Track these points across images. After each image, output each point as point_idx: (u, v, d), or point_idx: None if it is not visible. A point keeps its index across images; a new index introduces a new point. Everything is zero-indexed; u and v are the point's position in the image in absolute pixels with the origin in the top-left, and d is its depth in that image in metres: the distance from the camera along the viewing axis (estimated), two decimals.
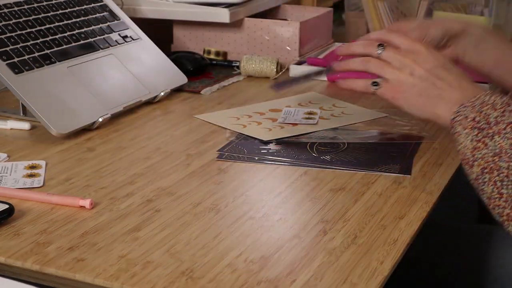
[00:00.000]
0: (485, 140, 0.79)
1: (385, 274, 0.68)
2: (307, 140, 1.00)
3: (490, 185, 0.78)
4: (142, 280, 0.66)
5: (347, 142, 1.01)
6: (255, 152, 0.96)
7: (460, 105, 0.82)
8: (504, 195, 0.77)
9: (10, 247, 0.71)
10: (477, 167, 0.79)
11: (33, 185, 0.85)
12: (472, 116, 0.80)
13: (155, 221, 0.77)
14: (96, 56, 1.15)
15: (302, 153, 0.96)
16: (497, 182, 0.78)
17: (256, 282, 0.66)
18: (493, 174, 0.78)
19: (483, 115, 0.80)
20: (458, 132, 0.81)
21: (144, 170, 0.90)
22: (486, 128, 0.79)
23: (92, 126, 1.04)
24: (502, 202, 0.77)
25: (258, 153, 0.96)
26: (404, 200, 0.83)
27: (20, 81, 1.02)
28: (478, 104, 0.81)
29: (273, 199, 0.83)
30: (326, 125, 1.06)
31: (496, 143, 0.78)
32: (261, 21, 1.40)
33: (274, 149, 0.97)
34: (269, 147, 0.98)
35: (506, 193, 0.77)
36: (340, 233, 0.75)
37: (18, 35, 1.08)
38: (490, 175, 0.78)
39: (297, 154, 0.95)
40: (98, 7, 1.25)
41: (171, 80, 1.22)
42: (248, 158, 0.94)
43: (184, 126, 1.07)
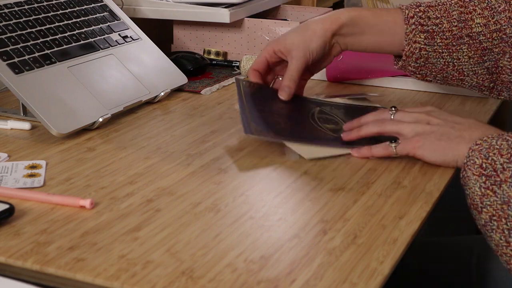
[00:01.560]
0: (493, 188, 0.79)
1: (385, 274, 0.68)
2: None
3: (498, 233, 0.78)
4: (142, 280, 0.66)
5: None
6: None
7: (469, 149, 0.83)
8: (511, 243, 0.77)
9: (10, 247, 0.71)
10: (485, 214, 0.79)
11: (33, 185, 0.85)
12: (479, 162, 0.81)
13: (155, 221, 0.77)
14: (96, 56, 1.15)
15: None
16: (505, 230, 0.78)
17: (256, 282, 0.66)
18: (501, 222, 0.78)
19: (490, 161, 0.80)
20: (468, 177, 0.82)
21: (144, 170, 0.90)
22: (493, 175, 0.80)
23: (92, 126, 1.04)
24: (509, 251, 0.78)
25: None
26: (404, 200, 0.83)
27: (20, 81, 1.02)
28: (485, 149, 0.82)
29: (273, 199, 0.83)
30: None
31: (505, 192, 0.78)
32: (261, 21, 1.40)
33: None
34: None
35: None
36: (340, 233, 0.75)
37: (18, 35, 1.08)
38: (499, 222, 0.78)
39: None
40: (98, 7, 1.25)
41: (171, 80, 1.22)
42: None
43: (184, 126, 1.07)
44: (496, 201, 0.79)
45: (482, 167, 0.81)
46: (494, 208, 0.79)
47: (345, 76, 1.30)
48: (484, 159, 0.81)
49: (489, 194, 0.79)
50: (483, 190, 0.80)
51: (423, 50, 1.02)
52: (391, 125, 0.92)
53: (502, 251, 0.78)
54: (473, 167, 0.81)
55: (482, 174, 0.80)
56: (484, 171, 0.80)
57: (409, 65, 1.04)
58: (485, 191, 0.80)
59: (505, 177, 0.79)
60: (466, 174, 0.82)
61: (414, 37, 1.02)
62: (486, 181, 0.80)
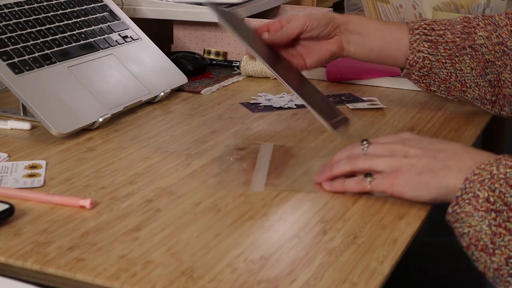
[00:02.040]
0: (506, 225, 0.70)
1: (385, 274, 0.68)
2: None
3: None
4: (142, 280, 0.66)
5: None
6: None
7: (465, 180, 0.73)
8: None
9: (10, 247, 0.71)
10: (499, 257, 0.70)
11: (33, 185, 0.85)
12: (484, 195, 0.71)
13: (155, 221, 0.77)
14: (96, 56, 1.15)
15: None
16: None
17: (256, 282, 0.66)
18: None
19: (498, 194, 0.71)
20: (468, 213, 0.72)
21: (144, 170, 0.90)
22: (505, 210, 0.70)
23: (92, 126, 1.04)
24: None
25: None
26: (404, 200, 0.83)
27: (20, 81, 1.02)
28: (487, 179, 0.72)
29: (273, 199, 0.83)
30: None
31: None
32: (261, 21, 1.40)
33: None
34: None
35: None
36: (340, 233, 0.75)
37: (18, 35, 1.08)
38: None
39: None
40: (98, 7, 1.25)
41: (171, 80, 1.22)
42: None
43: (184, 126, 1.07)
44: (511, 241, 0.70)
45: (489, 201, 0.71)
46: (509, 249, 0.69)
47: (345, 76, 1.30)
48: (490, 192, 0.71)
49: (502, 233, 0.70)
50: (494, 228, 0.70)
51: (427, 60, 1.04)
52: (363, 162, 0.81)
53: None
54: (475, 201, 0.72)
55: (491, 209, 0.70)
56: (492, 206, 0.70)
57: (413, 73, 1.06)
58: (497, 230, 0.70)
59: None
60: (462, 209, 0.72)
61: (418, 46, 1.04)
62: (497, 217, 0.70)
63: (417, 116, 1.12)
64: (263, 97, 1.20)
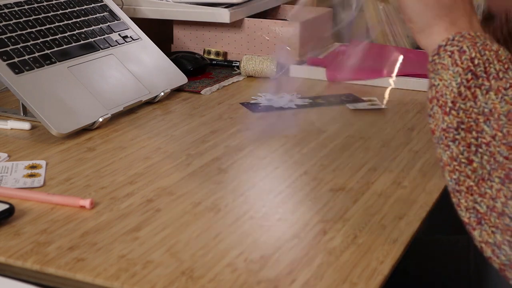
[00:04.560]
0: (476, 91, 0.64)
1: (385, 274, 0.68)
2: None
3: (461, 146, 0.64)
4: (142, 279, 0.66)
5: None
6: None
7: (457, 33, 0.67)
8: (474, 163, 0.64)
9: (10, 247, 0.71)
10: (453, 118, 0.65)
11: (33, 185, 0.85)
12: (470, 54, 0.65)
13: (155, 221, 0.77)
14: (96, 56, 1.15)
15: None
16: (472, 146, 0.64)
17: (256, 282, 0.66)
18: (470, 135, 0.64)
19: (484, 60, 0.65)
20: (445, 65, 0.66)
21: (144, 170, 0.90)
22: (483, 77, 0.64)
23: (92, 126, 1.04)
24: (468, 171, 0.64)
25: None
26: (404, 200, 0.83)
27: (20, 81, 1.02)
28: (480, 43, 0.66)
29: (273, 199, 0.83)
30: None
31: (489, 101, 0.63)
32: (261, 21, 1.40)
33: None
34: None
35: (478, 162, 0.64)
36: (340, 233, 0.75)
37: (18, 35, 1.08)
38: (466, 134, 0.64)
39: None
40: (98, 7, 1.25)
41: (171, 80, 1.22)
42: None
43: (184, 126, 1.07)
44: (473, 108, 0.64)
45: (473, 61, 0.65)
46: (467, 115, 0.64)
47: (345, 76, 1.29)
48: (479, 54, 0.65)
49: (467, 97, 0.64)
50: (463, 89, 0.64)
51: None
52: None
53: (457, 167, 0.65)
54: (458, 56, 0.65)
55: (470, 70, 0.64)
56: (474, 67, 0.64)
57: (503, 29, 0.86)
58: (465, 91, 0.64)
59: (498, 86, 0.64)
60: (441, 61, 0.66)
61: None
62: (472, 80, 0.64)
63: (417, 116, 1.12)
64: (263, 97, 1.20)
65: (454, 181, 0.65)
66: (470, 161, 0.64)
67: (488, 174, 0.64)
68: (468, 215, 0.65)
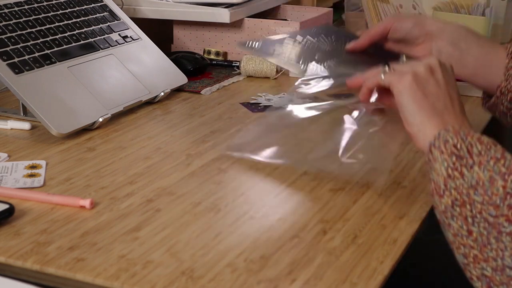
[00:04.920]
0: (462, 169, 0.70)
1: (385, 274, 0.68)
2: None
3: (459, 220, 0.70)
4: (142, 279, 0.66)
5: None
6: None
7: (442, 128, 0.74)
8: (473, 233, 0.69)
9: (10, 247, 0.71)
10: (447, 198, 0.70)
11: (33, 185, 0.85)
12: (453, 141, 0.72)
13: (155, 221, 0.77)
14: (96, 56, 1.15)
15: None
16: (468, 218, 0.69)
17: (256, 282, 0.66)
18: (465, 209, 0.69)
19: (466, 144, 0.71)
20: (435, 158, 0.72)
21: (144, 170, 0.90)
22: (466, 157, 0.71)
23: (92, 126, 1.04)
24: (470, 241, 0.69)
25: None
26: (404, 200, 0.83)
27: (20, 81, 1.02)
28: (463, 132, 0.73)
29: (273, 199, 0.83)
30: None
31: (474, 173, 0.69)
32: (261, 21, 1.40)
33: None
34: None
35: (477, 231, 0.69)
36: (340, 233, 0.75)
37: (18, 35, 1.08)
38: (461, 209, 0.70)
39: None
40: (98, 7, 1.25)
41: (171, 80, 1.22)
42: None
43: (184, 126, 1.07)
44: (463, 185, 0.70)
45: (455, 146, 0.71)
46: (458, 192, 0.69)
47: None
48: (461, 140, 0.71)
49: (455, 176, 0.70)
50: (450, 171, 0.70)
51: None
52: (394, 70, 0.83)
53: (460, 242, 0.70)
54: (443, 146, 0.72)
55: (453, 153, 0.71)
56: (456, 151, 0.71)
57: (502, 104, 0.94)
58: (452, 173, 0.70)
59: (480, 160, 0.70)
60: (432, 156, 0.73)
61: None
62: (456, 161, 0.70)
63: None
64: (263, 97, 1.20)
65: (462, 256, 0.70)
66: (470, 232, 0.69)
67: (486, 239, 0.68)
68: (480, 284, 0.69)
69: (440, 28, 0.97)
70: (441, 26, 0.98)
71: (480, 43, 0.96)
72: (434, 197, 0.73)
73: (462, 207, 0.70)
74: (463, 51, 0.96)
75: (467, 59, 0.96)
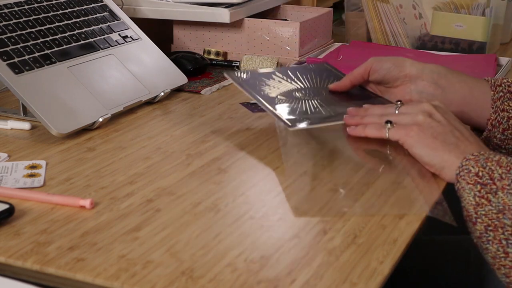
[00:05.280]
0: (488, 196, 0.76)
1: (385, 274, 0.68)
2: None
3: (495, 244, 0.75)
4: (142, 279, 0.66)
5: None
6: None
7: (463, 159, 0.80)
8: (510, 254, 0.74)
9: (10, 247, 0.71)
10: (480, 225, 0.76)
11: (33, 185, 0.85)
12: (475, 170, 0.78)
13: (155, 221, 0.77)
14: (96, 56, 1.15)
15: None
16: (502, 240, 0.75)
17: (256, 282, 0.66)
18: (498, 232, 0.75)
19: (487, 170, 0.77)
20: (463, 188, 0.79)
21: (144, 170, 0.90)
22: (489, 183, 0.76)
23: (92, 126, 1.04)
24: (508, 262, 0.74)
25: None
26: (404, 200, 0.83)
27: (20, 81, 1.02)
28: (482, 159, 0.79)
29: (273, 199, 0.83)
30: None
31: (500, 199, 0.75)
32: (261, 21, 1.40)
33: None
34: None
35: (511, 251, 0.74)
36: (340, 233, 0.75)
37: (18, 35, 1.08)
38: (495, 233, 0.75)
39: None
40: (98, 7, 1.25)
41: (171, 80, 1.22)
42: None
43: (184, 126, 1.07)
44: (491, 210, 0.75)
45: (478, 175, 0.77)
46: (489, 218, 0.75)
47: None
48: (481, 168, 0.78)
49: (483, 203, 0.76)
50: (478, 199, 0.76)
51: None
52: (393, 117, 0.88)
53: (499, 263, 0.75)
54: (467, 176, 0.78)
55: (478, 182, 0.77)
56: (480, 180, 0.77)
57: (495, 136, 0.96)
58: (480, 200, 0.76)
59: (502, 185, 0.76)
60: (460, 185, 0.79)
61: (502, 105, 0.94)
62: (481, 189, 0.77)
63: None
64: None
65: (504, 276, 0.75)
66: (507, 254, 0.74)
67: None
68: None
69: (419, 69, 0.98)
70: (420, 66, 0.99)
71: (461, 79, 0.97)
72: (468, 223, 0.78)
73: (495, 231, 0.75)
74: (445, 89, 0.97)
75: (451, 96, 0.97)
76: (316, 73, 1.10)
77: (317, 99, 1.02)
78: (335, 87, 1.04)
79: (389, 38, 1.56)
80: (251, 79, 1.05)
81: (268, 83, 1.04)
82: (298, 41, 1.38)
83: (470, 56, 1.45)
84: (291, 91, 1.04)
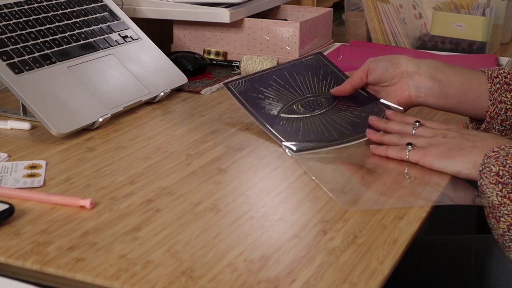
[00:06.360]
0: (510, 196, 0.78)
1: (385, 274, 0.68)
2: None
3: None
4: (142, 279, 0.66)
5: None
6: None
7: (484, 156, 0.81)
8: None
9: (10, 247, 0.71)
10: (503, 224, 0.78)
11: (33, 185, 0.85)
12: (495, 169, 0.79)
13: (155, 221, 0.77)
14: (96, 56, 1.15)
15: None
16: None
17: (256, 282, 0.66)
18: None
19: (507, 169, 0.79)
20: (486, 185, 0.80)
21: (144, 170, 0.90)
22: (510, 183, 0.78)
23: (92, 126, 1.04)
24: None
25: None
26: (404, 200, 0.83)
27: (20, 81, 1.02)
28: (502, 156, 0.80)
29: (273, 199, 0.83)
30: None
31: None
32: (261, 21, 1.40)
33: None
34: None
35: None
36: (340, 233, 0.75)
37: (18, 35, 1.08)
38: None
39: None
40: (98, 7, 1.25)
41: (171, 80, 1.22)
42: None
43: (184, 126, 1.07)
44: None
45: (498, 174, 0.79)
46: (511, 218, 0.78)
47: None
48: (501, 166, 0.79)
49: (506, 203, 0.78)
50: (500, 198, 0.78)
51: (510, 111, 0.96)
52: (409, 140, 0.92)
53: None
54: (489, 175, 0.80)
55: (499, 182, 0.78)
56: (500, 179, 0.78)
57: (493, 128, 0.97)
58: (502, 200, 0.78)
59: None
60: (483, 182, 0.81)
61: (500, 96, 0.95)
62: (503, 189, 0.78)
63: (417, 116, 1.12)
64: None
65: None
66: None
67: None
68: None
69: (415, 64, 0.99)
70: (416, 62, 1.00)
71: (458, 72, 0.98)
72: (491, 220, 0.80)
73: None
74: (442, 82, 0.98)
75: (448, 89, 0.98)
76: (313, 72, 1.10)
77: (318, 113, 1.03)
78: (337, 92, 1.06)
79: (389, 38, 1.56)
80: (249, 90, 1.05)
81: (267, 94, 1.05)
82: (298, 41, 1.38)
83: (470, 56, 1.45)
84: (292, 104, 1.04)
